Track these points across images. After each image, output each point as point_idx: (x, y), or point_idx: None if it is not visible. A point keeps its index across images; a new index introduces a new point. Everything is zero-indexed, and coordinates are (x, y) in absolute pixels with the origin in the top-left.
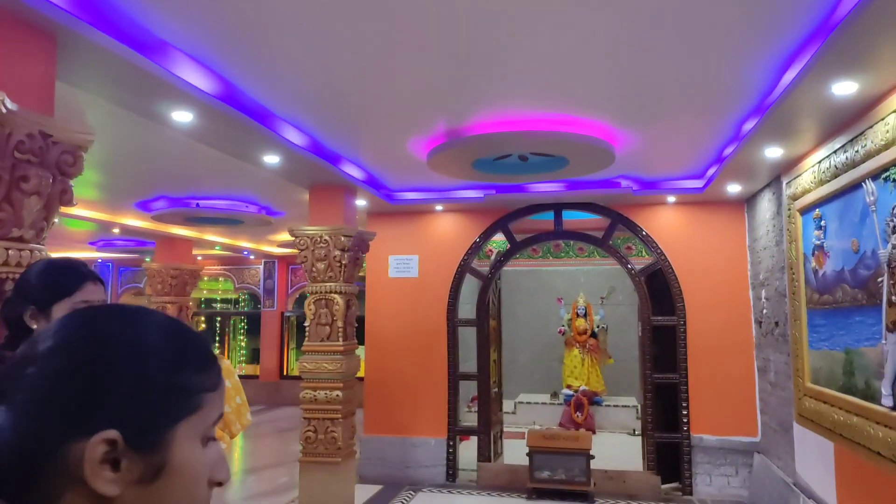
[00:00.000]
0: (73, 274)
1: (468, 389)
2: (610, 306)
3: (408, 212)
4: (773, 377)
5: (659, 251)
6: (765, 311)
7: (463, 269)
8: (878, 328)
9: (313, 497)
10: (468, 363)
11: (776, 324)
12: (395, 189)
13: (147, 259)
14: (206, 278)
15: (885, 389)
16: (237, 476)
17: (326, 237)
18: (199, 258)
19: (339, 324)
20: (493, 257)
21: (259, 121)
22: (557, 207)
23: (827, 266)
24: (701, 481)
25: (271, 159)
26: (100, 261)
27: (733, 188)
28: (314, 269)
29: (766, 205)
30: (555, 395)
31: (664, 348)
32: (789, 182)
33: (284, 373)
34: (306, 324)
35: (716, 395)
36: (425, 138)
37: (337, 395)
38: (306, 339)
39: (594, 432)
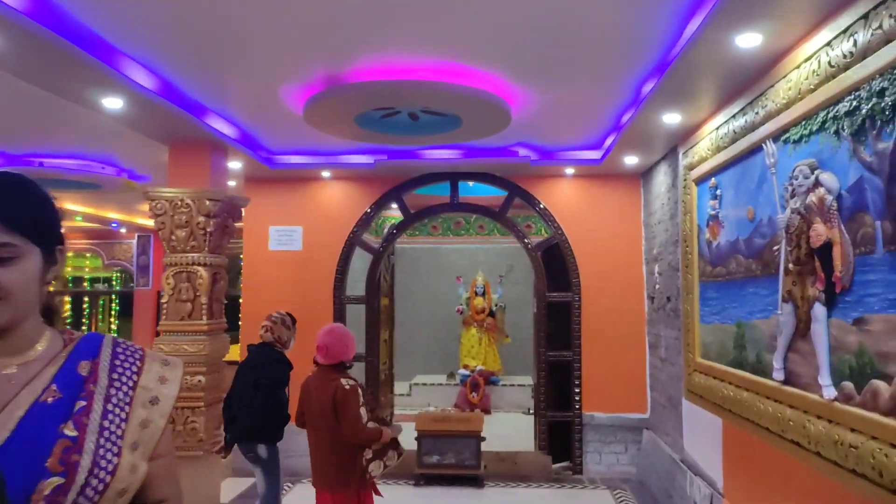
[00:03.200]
0: None
1: (358, 374)
2: (509, 285)
3: (291, 178)
4: (663, 353)
5: (556, 225)
6: (657, 286)
7: (352, 242)
8: (773, 299)
9: None
10: (358, 344)
11: (668, 299)
12: (276, 151)
13: None
14: (71, 254)
15: (777, 363)
16: None
17: (189, 201)
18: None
19: (203, 300)
20: (385, 231)
21: (93, 52)
22: (454, 178)
23: (721, 237)
24: (591, 460)
25: (113, 103)
26: None
27: (630, 160)
28: (173, 237)
29: (661, 178)
30: (451, 375)
31: (559, 325)
32: (686, 152)
33: None
34: (164, 300)
35: (608, 372)
36: (300, 86)
37: (199, 381)
38: (163, 316)
39: (489, 412)
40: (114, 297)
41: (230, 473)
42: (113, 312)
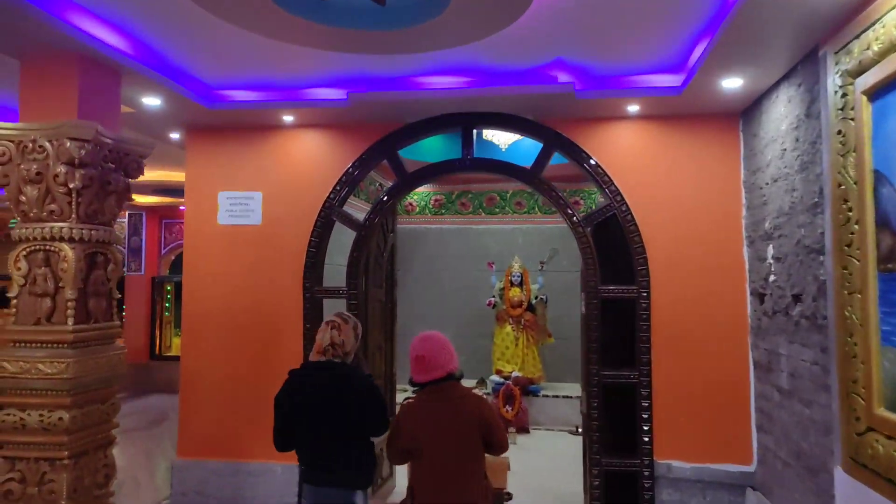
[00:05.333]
0: None
1: None
2: (551, 273)
3: (244, 124)
4: (786, 381)
5: (613, 189)
6: (772, 277)
7: (328, 213)
8: None
9: None
10: None
11: (795, 298)
12: (215, 84)
13: None
14: None
15: None
16: None
17: (44, 143)
18: None
19: (69, 293)
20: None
21: None
22: (466, 123)
23: None
24: None
25: None
26: None
27: (730, 84)
28: (23, 197)
29: (781, 110)
30: (482, 382)
31: (619, 332)
32: (842, 49)
33: (156, 351)
34: (13, 293)
35: (691, 403)
36: None
37: (60, 420)
38: (13, 318)
39: (528, 431)
40: None
41: None
42: None
